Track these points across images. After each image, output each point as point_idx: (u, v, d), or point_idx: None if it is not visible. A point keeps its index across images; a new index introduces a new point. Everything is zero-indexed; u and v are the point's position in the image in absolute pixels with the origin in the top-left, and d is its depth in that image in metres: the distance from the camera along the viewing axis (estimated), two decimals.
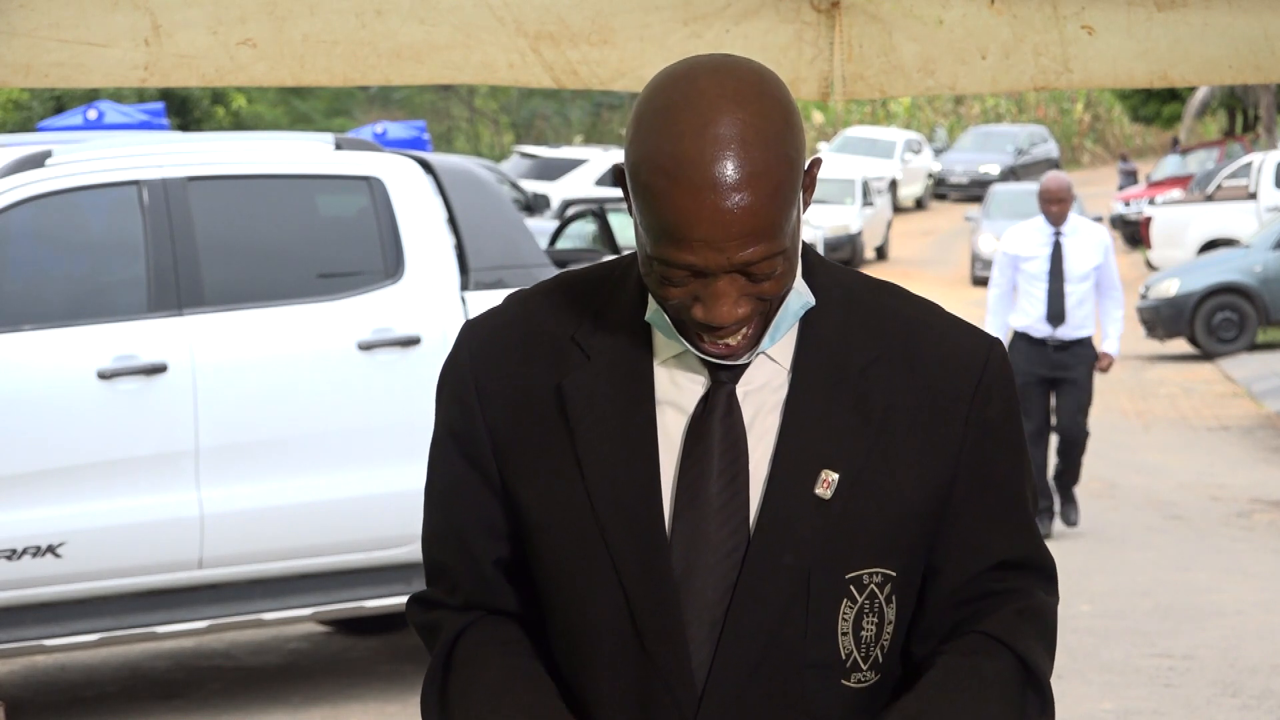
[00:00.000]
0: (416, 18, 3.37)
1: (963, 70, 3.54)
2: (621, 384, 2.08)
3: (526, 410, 2.10)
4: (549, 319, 2.12)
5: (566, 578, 2.09)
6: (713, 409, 2.07)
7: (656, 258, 1.96)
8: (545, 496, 2.08)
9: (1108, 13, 3.47)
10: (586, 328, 2.10)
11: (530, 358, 2.11)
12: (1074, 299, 10.44)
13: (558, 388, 2.08)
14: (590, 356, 2.09)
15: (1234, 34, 3.47)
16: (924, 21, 3.50)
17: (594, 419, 2.07)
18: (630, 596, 2.05)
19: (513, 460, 2.10)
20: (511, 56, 3.41)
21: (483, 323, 2.17)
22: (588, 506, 2.06)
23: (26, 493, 6.80)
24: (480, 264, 7.53)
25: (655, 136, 1.94)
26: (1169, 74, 3.51)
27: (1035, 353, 10.47)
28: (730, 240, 1.93)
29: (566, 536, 2.07)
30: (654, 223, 1.94)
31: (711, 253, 1.93)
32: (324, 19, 3.34)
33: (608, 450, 2.06)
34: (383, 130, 16.73)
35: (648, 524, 2.05)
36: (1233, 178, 28.33)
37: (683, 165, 1.92)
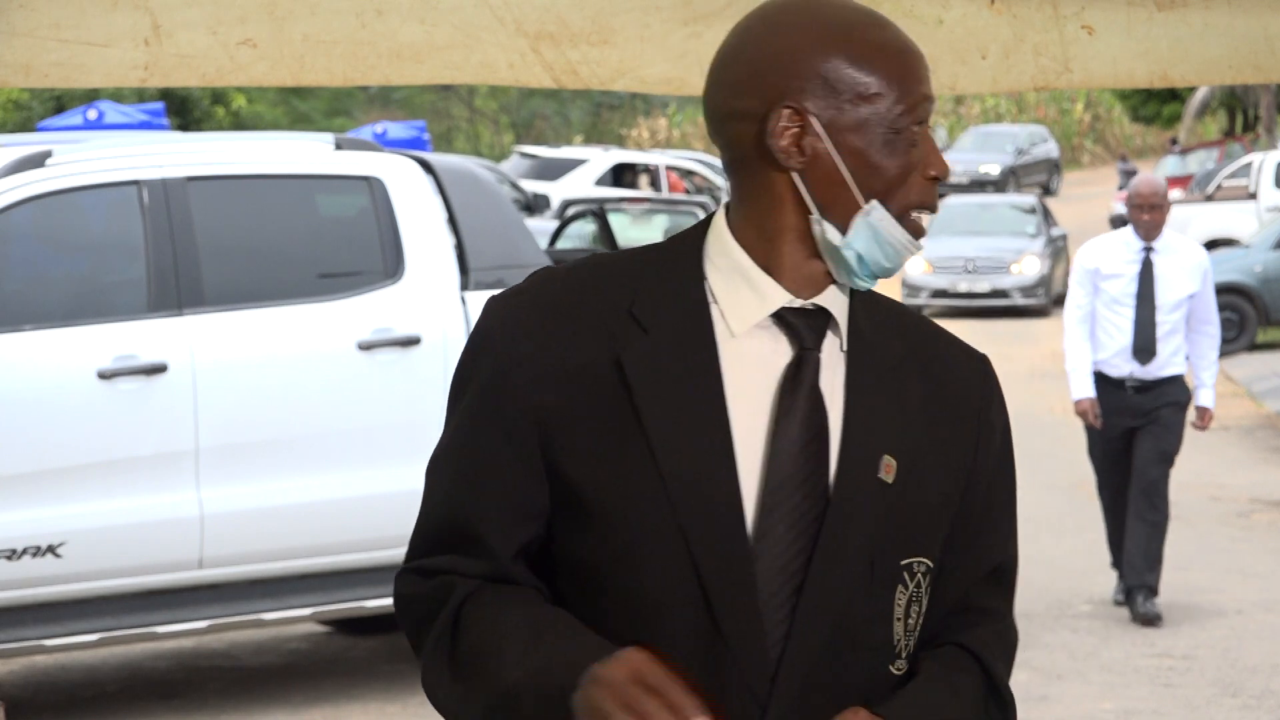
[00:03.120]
0: (416, 18, 3.37)
1: (963, 70, 3.54)
2: (686, 357, 2.04)
3: (580, 387, 2.04)
4: (594, 294, 2.07)
5: (633, 556, 2.03)
6: (800, 378, 2.07)
7: (905, 111, 2.05)
8: (610, 474, 2.03)
9: (1108, 13, 3.47)
10: (643, 302, 2.06)
11: (580, 333, 2.05)
12: (1164, 329, 8.59)
13: (617, 362, 2.04)
14: (648, 330, 2.05)
15: (1234, 34, 3.47)
16: (924, 21, 3.50)
17: (659, 393, 2.03)
18: (703, 574, 2.02)
19: (565, 439, 2.04)
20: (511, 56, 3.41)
21: (517, 299, 2.09)
22: (659, 484, 2.02)
23: (26, 493, 6.80)
24: (480, 264, 7.53)
25: (843, 41, 2.05)
26: (1169, 74, 3.51)
27: (1113, 397, 8.65)
28: (928, 74, 2.11)
29: (635, 515, 2.02)
30: (895, 76, 2.05)
31: (930, 89, 2.10)
32: (324, 19, 3.34)
33: (677, 424, 2.03)
34: (383, 130, 16.73)
35: (724, 500, 2.03)
36: (1233, 178, 28.34)
37: (881, 18, 2.08)
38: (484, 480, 2.08)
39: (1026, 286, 25.17)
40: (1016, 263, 25.46)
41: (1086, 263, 8.76)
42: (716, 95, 2.09)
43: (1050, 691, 7.50)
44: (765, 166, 2.06)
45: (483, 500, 2.08)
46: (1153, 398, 8.65)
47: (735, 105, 2.06)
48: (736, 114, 2.06)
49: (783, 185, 2.06)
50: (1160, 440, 8.66)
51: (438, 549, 2.12)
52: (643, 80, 3.58)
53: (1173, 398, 8.70)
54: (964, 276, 25.54)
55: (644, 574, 2.03)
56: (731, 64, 2.08)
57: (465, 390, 2.10)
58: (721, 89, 2.08)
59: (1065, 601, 8.89)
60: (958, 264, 25.56)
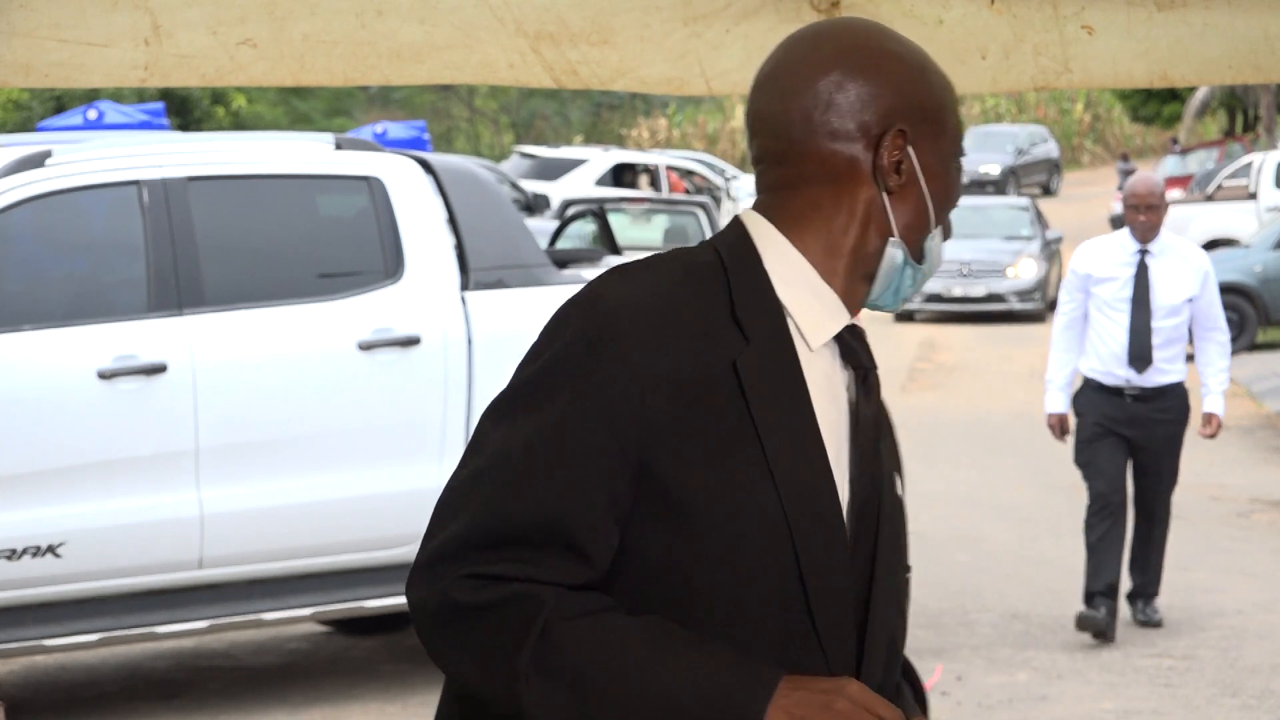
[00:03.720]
0: (416, 18, 3.37)
1: (963, 70, 3.54)
2: (784, 367, 2.06)
3: (698, 392, 2.01)
4: (699, 295, 2.05)
5: (735, 560, 2.01)
6: (870, 398, 2.15)
7: (959, 144, 2.18)
8: (723, 480, 2.00)
9: (1108, 13, 3.47)
10: (741, 308, 2.06)
11: (696, 336, 2.02)
12: (1161, 337, 8.20)
13: (733, 368, 2.02)
14: (750, 338, 2.04)
15: (1234, 34, 3.47)
16: (924, 21, 3.50)
17: (770, 402, 2.03)
18: (808, 581, 2.04)
19: (676, 443, 2.00)
20: (511, 56, 3.41)
21: (640, 294, 2.03)
22: (773, 492, 2.02)
23: (26, 493, 6.80)
24: (480, 264, 7.52)
25: (928, 73, 2.17)
26: (1169, 74, 3.51)
27: (1108, 404, 8.26)
28: None
29: (747, 521, 2.01)
30: (956, 110, 2.19)
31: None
32: (324, 19, 3.34)
33: (787, 435, 2.04)
34: (383, 130, 16.74)
35: (830, 515, 2.06)
36: (1233, 178, 28.33)
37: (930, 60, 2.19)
38: (590, 484, 2.00)
39: (1023, 290, 24.73)
40: (1013, 266, 25.00)
41: (1079, 267, 8.33)
42: (810, 111, 2.11)
43: (1050, 691, 7.50)
44: (855, 185, 2.11)
45: (587, 505, 1.99)
46: (1152, 409, 8.26)
47: (838, 124, 2.10)
48: (837, 132, 2.10)
49: (868, 205, 2.12)
50: (1161, 462, 8.37)
51: (508, 552, 1.99)
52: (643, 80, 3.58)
53: (1172, 412, 8.30)
54: (959, 280, 24.97)
55: (743, 578, 2.03)
56: (829, 83, 2.11)
57: (571, 383, 2.01)
58: (817, 106, 2.11)
59: (1065, 601, 8.88)
60: (952, 267, 25.01)
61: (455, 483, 2.05)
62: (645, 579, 2.02)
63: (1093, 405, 8.30)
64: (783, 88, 2.12)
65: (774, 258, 2.10)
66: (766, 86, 2.15)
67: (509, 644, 1.97)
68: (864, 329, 2.17)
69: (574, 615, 1.97)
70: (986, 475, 12.98)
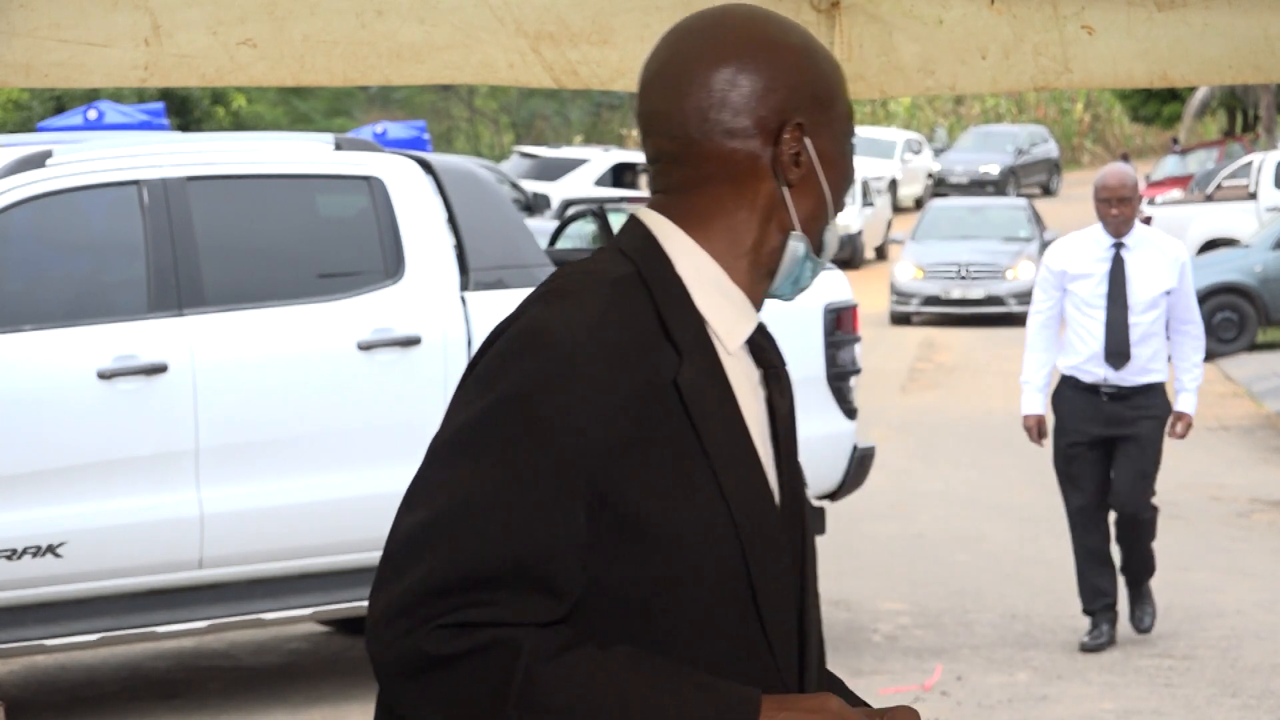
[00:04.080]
0: (416, 18, 3.37)
1: (963, 70, 3.54)
2: (714, 378, 2.05)
3: (646, 414, 1.98)
4: (629, 317, 2.01)
5: (692, 578, 2.00)
6: (784, 397, 2.14)
7: (851, 128, 2.15)
8: (679, 499, 1.99)
9: (1108, 13, 3.47)
10: (669, 322, 2.03)
11: (637, 358, 1.99)
12: (1138, 332, 7.98)
13: (674, 386, 2.00)
14: (682, 352, 2.02)
15: (1234, 34, 3.47)
16: (924, 21, 3.50)
17: (710, 415, 2.02)
18: (758, 592, 2.04)
19: (631, 468, 1.97)
20: (511, 56, 3.41)
21: (579, 321, 1.98)
22: (724, 506, 2.01)
23: (26, 493, 6.80)
24: (480, 264, 7.52)
25: (818, 58, 2.14)
26: (1169, 74, 3.51)
27: (1086, 404, 8.07)
28: None
29: (703, 538, 2.00)
30: (844, 88, 2.16)
31: None
32: (324, 19, 3.34)
33: (728, 447, 2.03)
34: (383, 130, 16.72)
35: (771, 523, 2.07)
36: (1233, 178, 28.33)
37: (818, 44, 2.16)
38: (555, 520, 1.95)
39: (1022, 293, 24.05)
40: (1012, 268, 24.76)
41: (1053, 263, 8.15)
42: (705, 110, 2.07)
43: (1050, 691, 7.50)
44: (756, 181, 2.08)
45: (554, 541, 1.95)
46: (1130, 407, 8.05)
47: (735, 122, 2.07)
48: (735, 130, 2.07)
49: (769, 200, 2.09)
50: (1139, 460, 8.09)
51: (476, 596, 1.93)
52: None
53: (1151, 410, 8.08)
54: (957, 282, 24.66)
55: (703, 594, 2.01)
56: (721, 79, 2.07)
57: (527, 422, 1.95)
58: (712, 104, 2.07)
59: (1065, 601, 8.88)
60: (950, 270, 24.73)
61: (408, 530, 1.97)
62: (607, 606, 1.99)
63: (1071, 409, 8.11)
64: (675, 86, 2.08)
65: (684, 262, 2.07)
66: (657, 85, 2.10)
67: (492, 692, 1.92)
68: (768, 325, 2.17)
69: (552, 654, 1.93)
70: (986, 475, 12.98)
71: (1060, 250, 8.21)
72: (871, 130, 44.81)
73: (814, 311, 8.18)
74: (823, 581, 9.61)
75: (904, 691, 7.52)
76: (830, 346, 8.20)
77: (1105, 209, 8.00)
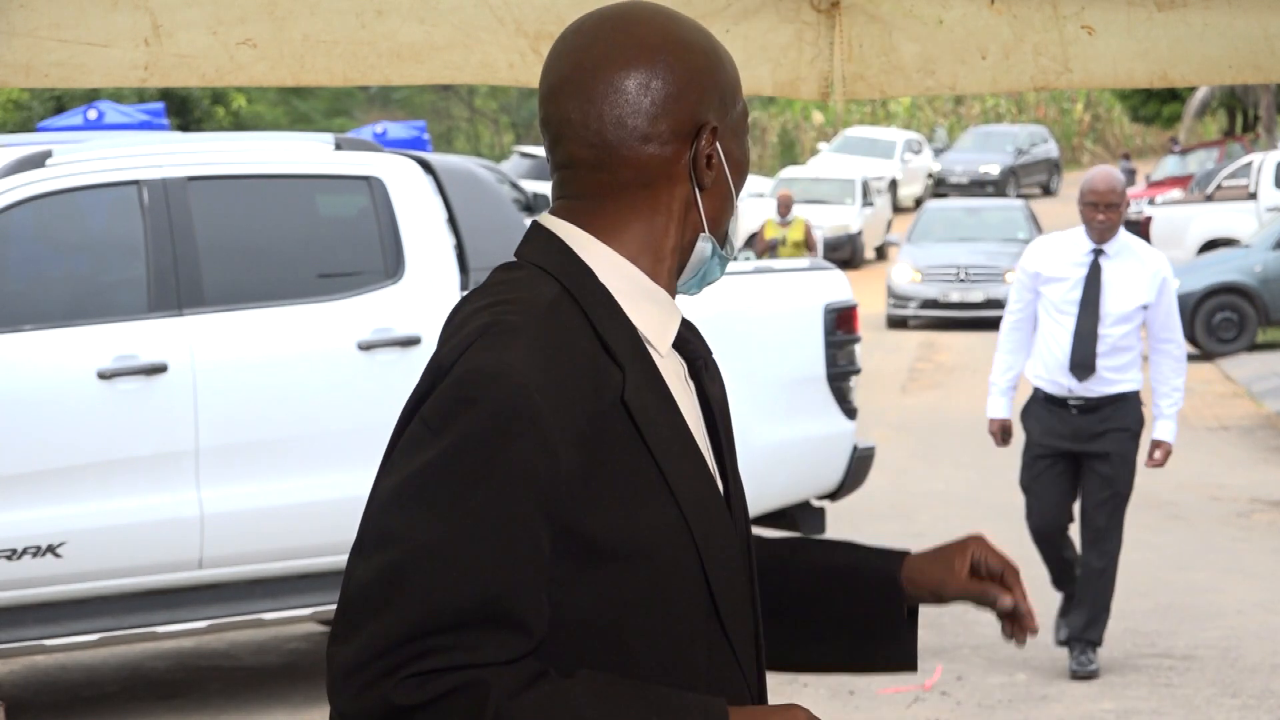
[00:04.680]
0: (416, 18, 3.37)
1: (963, 70, 3.54)
2: (654, 386, 2.04)
3: (599, 437, 1.96)
4: (571, 341, 2.00)
5: (656, 596, 1.99)
6: (714, 390, 2.14)
7: (746, 118, 2.14)
8: (639, 518, 1.98)
9: (1108, 13, 3.47)
10: (606, 337, 2.01)
11: (584, 382, 1.98)
12: (1107, 344, 7.55)
13: (622, 403, 1.98)
14: (624, 366, 2.00)
15: (1234, 34, 3.47)
16: (924, 21, 3.50)
17: (658, 428, 2.01)
18: (718, 601, 2.03)
19: (592, 493, 1.95)
20: (511, 56, 3.41)
21: (525, 358, 1.96)
22: (681, 520, 2.00)
23: (26, 493, 6.80)
24: (480, 264, 7.52)
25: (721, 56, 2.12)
26: (1169, 74, 3.51)
27: (1054, 417, 7.69)
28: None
29: (664, 554, 1.99)
30: (736, 87, 2.13)
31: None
32: (324, 19, 3.34)
33: (676, 454, 2.02)
34: (383, 130, 16.73)
35: (723, 524, 2.06)
36: (1233, 178, 28.33)
37: (714, 37, 2.14)
38: (521, 558, 1.93)
39: None
40: (1011, 270, 24.76)
41: (1029, 265, 7.75)
42: (622, 117, 2.03)
43: (1050, 691, 7.50)
44: (671, 185, 2.06)
45: (521, 579, 1.93)
46: (1098, 420, 7.59)
47: (649, 128, 2.04)
48: (650, 135, 2.04)
49: (684, 203, 2.08)
50: (1109, 481, 7.62)
51: (444, 640, 1.91)
52: None
53: (1121, 422, 7.59)
54: (956, 285, 24.42)
55: (668, 609, 2.01)
56: (634, 84, 2.04)
57: (490, 465, 1.93)
58: (626, 111, 2.03)
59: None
60: (949, 272, 24.51)
61: (364, 579, 1.92)
62: (577, 633, 1.98)
63: (1039, 423, 7.76)
64: (586, 92, 2.04)
65: (607, 273, 2.05)
66: (568, 90, 2.06)
67: None
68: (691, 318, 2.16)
69: (519, 690, 1.90)
70: (986, 475, 12.98)
71: (1037, 251, 7.83)
72: (871, 130, 44.84)
73: (814, 311, 8.19)
74: None
75: (904, 691, 7.53)
76: (830, 346, 8.21)
77: (1091, 213, 7.59)
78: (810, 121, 52.12)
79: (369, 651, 1.89)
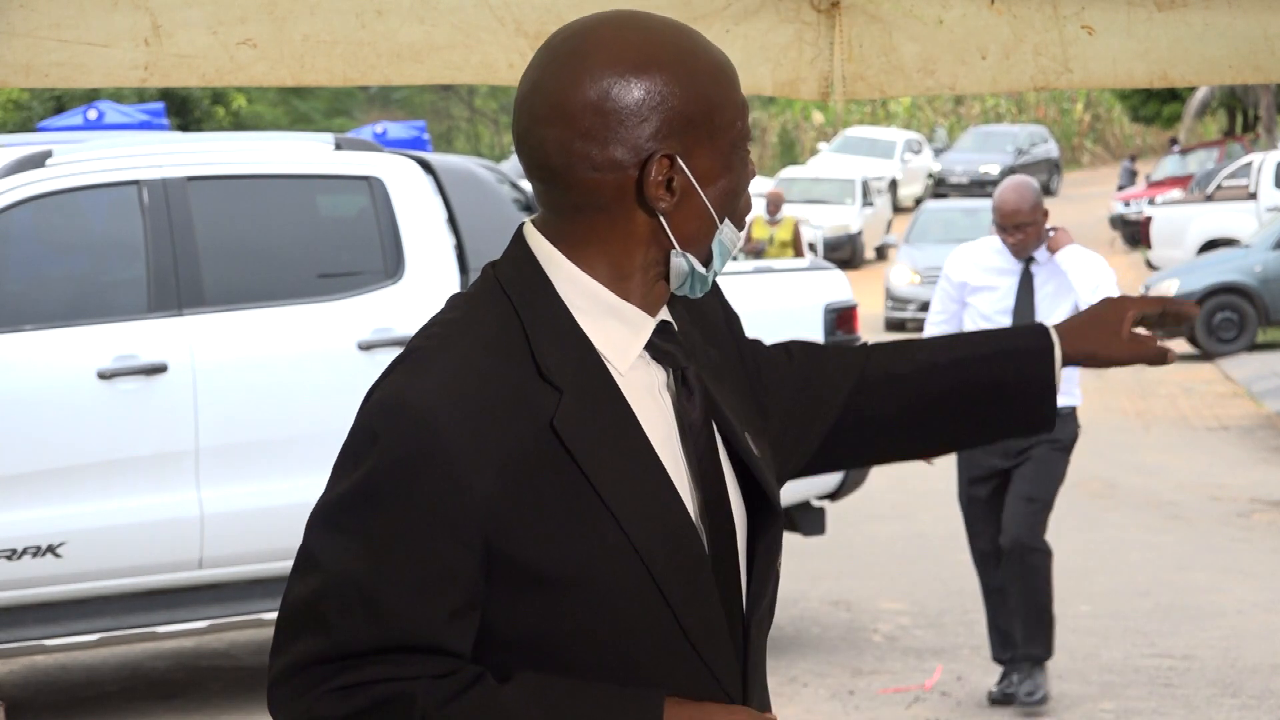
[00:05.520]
0: (416, 18, 3.37)
1: (963, 70, 3.54)
2: (602, 404, 2.01)
3: (523, 466, 1.96)
4: (497, 365, 1.99)
5: (607, 617, 1.98)
6: (693, 398, 2.09)
7: (741, 132, 2.07)
8: (572, 545, 1.96)
9: (1108, 13, 3.47)
10: (544, 361, 1.99)
11: (506, 411, 1.96)
12: None
13: (551, 429, 1.97)
14: (562, 389, 1.98)
15: (1234, 34, 3.47)
16: (924, 21, 3.50)
17: (598, 451, 1.98)
18: (681, 618, 2.01)
19: (518, 522, 1.95)
20: (511, 56, 3.41)
21: (433, 389, 1.96)
22: (625, 542, 1.98)
23: (26, 493, 6.80)
24: (480, 264, 7.52)
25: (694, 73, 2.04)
26: (1169, 74, 3.51)
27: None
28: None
29: (607, 577, 1.97)
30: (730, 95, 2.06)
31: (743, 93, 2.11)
32: (324, 19, 3.34)
33: (624, 478, 1.99)
34: (383, 130, 16.72)
35: (683, 533, 2.02)
36: (1233, 178, 28.33)
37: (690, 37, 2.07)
38: (437, 589, 1.95)
39: None
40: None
41: (954, 273, 7.30)
42: (570, 141, 1.99)
43: (1050, 691, 7.50)
44: (628, 210, 2.02)
45: (439, 609, 1.96)
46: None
47: (598, 154, 1.99)
48: (599, 162, 1.99)
49: (644, 227, 2.04)
50: (1031, 483, 7.17)
51: (368, 659, 1.96)
52: None
53: (1051, 436, 7.01)
54: None
55: (617, 629, 1.99)
56: (585, 112, 1.99)
57: (395, 498, 1.95)
58: (575, 134, 1.99)
59: (1065, 601, 8.88)
60: None
61: (296, 599, 2.00)
62: (522, 650, 1.99)
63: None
64: (539, 112, 2.01)
65: (567, 288, 2.03)
66: (525, 107, 2.03)
67: None
68: (673, 324, 2.11)
69: (447, 700, 1.94)
70: None
71: (962, 259, 7.33)
72: (871, 130, 44.85)
73: (814, 311, 8.19)
74: (823, 581, 9.63)
75: (904, 691, 7.52)
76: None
77: (1002, 235, 7.10)
78: (810, 121, 52.12)
79: (293, 667, 1.97)
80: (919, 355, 2.35)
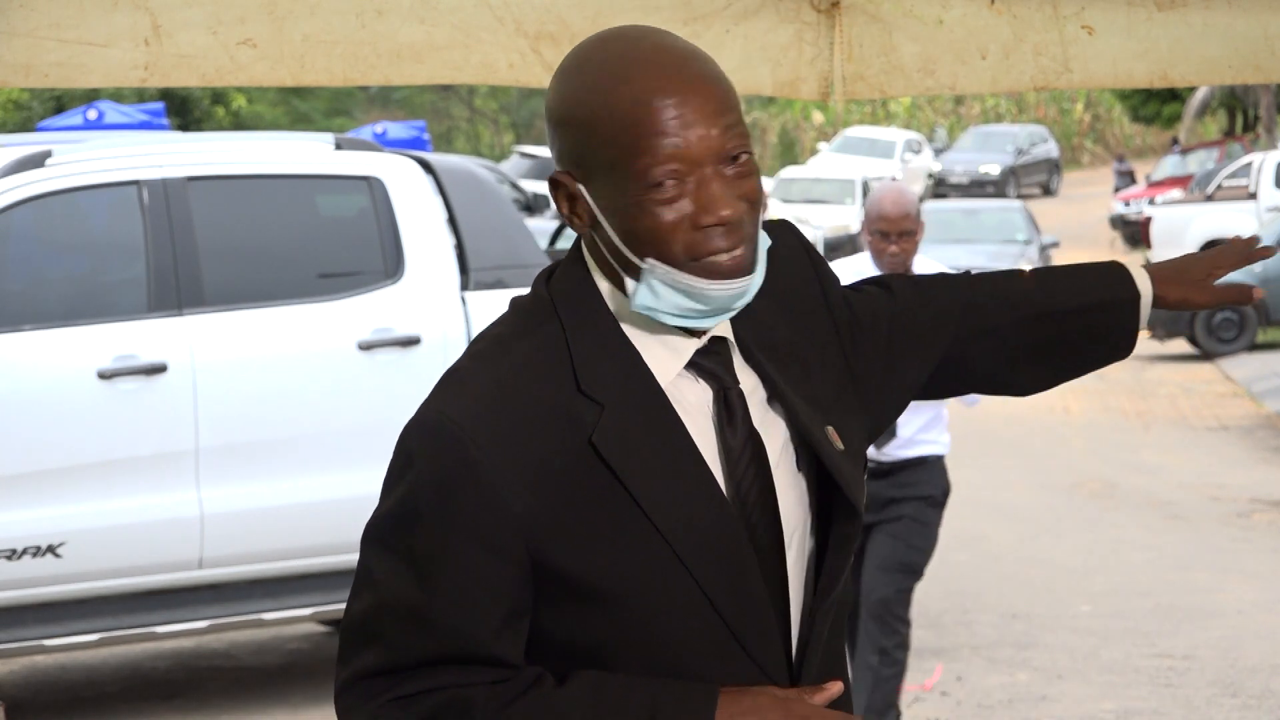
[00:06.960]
0: (416, 18, 3.37)
1: (963, 70, 3.54)
2: (648, 419, 2.02)
3: (563, 481, 1.99)
4: (536, 381, 2.02)
5: (656, 627, 2.02)
6: (733, 415, 2.08)
7: (647, 172, 1.97)
8: (615, 557, 1.99)
9: (1108, 13, 3.47)
10: (586, 376, 2.02)
11: (544, 427, 2.00)
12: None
13: (590, 444, 1.99)
14: (604, 404, 2.01)
15: (1234, 34, 3.47)
16: (924, 21, 3.51)
17: (640, 464, 2.00)
18: (731, 625, 2.03)
19: (558, 536, 1.99)
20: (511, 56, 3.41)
21: (469, 408, 2.00)
22: (669, 553, 2.00)
23: (26, 493, 6.80)
24: (480, 264, 7.53)
25: (610, 103, 1.98)
26: (1169, 74, 3.51)
27: None
28: (707, 110, 1.98)
29: (652, 589, 2.00)
30: (631, 135, 1.97)
31: (695, 129, 1.96)
32: (324, 19, 3.34)
33: (668, 490, 2.01)
34: (383, 130, 16.72)
35: (734, 550, 2.03)
36: (1233, 178, 28.33)
37: (639, 65, 1.99)
38: (485, 605, 2.00)
39: None
40: None
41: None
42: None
43: (1050, 691, 7.50)
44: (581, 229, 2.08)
45: (490, 624, 2.01)
46: (893, 484, 6.16)
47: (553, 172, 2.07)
48: (552, 179, 2.06)
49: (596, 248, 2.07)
50: (899, 546, 6.19)
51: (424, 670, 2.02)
52: None
53: (920, 490, 6.21)
54: None
55: (672, 638, 2.02)
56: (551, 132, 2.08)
57: (436, 519, 2.00)
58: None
59: (1065, 601, 8.88)
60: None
61: (355, 614, 2.05)
62: (574, 655, 2.03)
63: None
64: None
65: (610, 295, 2.06)
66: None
67: None
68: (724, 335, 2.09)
69: (506, 704, 1.99)
70: (986, 475, 12.98)
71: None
72: (871, 130, 44.83)
73: None
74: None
75: (904, 691, 7.52)
76: None
77: (881, 244, 6.02)
78: (810, 121, 52.12)
79: (355, 678, 2.03)
80: (1019, 310, 2.39)
